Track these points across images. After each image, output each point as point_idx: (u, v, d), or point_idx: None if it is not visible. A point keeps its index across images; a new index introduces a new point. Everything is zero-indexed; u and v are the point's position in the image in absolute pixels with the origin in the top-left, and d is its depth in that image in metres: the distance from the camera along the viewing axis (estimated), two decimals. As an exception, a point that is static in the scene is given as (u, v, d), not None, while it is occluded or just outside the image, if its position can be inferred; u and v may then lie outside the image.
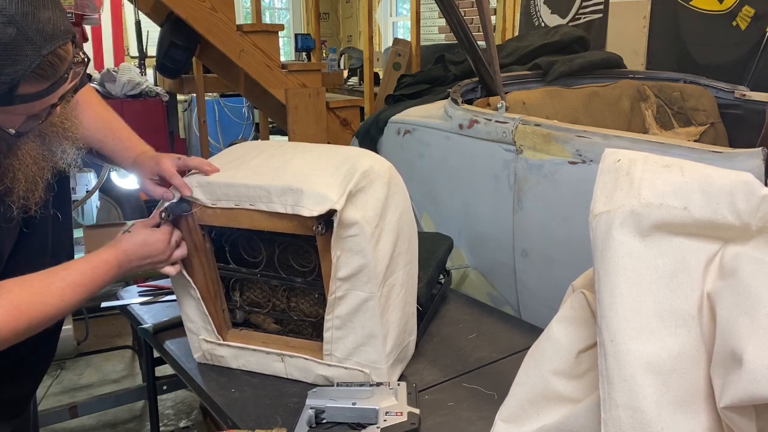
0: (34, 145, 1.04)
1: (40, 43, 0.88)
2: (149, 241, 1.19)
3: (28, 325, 1.03)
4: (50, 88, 0.92)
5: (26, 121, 0.96)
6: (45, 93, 0.92)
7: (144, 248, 1.19)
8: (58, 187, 1.15)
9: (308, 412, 1.12)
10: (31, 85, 0.90)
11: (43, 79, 0.91)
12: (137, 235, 1.19)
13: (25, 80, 0.88)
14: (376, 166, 1.22)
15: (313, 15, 5.39)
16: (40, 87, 0.91)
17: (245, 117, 7.27)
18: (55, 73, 0.92)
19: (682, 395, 0.79)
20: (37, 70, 0.89)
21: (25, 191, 1.03)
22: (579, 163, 1.76)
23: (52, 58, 0.90)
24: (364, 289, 1.16)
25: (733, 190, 0.82)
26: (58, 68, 0.92)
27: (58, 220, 1.20)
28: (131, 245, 1.18)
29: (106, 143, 1.33)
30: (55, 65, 0.91)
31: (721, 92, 2.60)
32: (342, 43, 9.44)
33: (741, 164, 1.43)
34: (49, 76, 0.91)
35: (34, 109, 0.95)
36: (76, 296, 1.10)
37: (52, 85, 0.92)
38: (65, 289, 1.09)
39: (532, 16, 4.49)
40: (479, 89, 2.48)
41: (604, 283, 0.84)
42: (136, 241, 1.18)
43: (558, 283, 1.28)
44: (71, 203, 1.30)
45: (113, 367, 3.06)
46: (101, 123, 1.34)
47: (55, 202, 1.14)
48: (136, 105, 4.50)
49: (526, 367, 0.99)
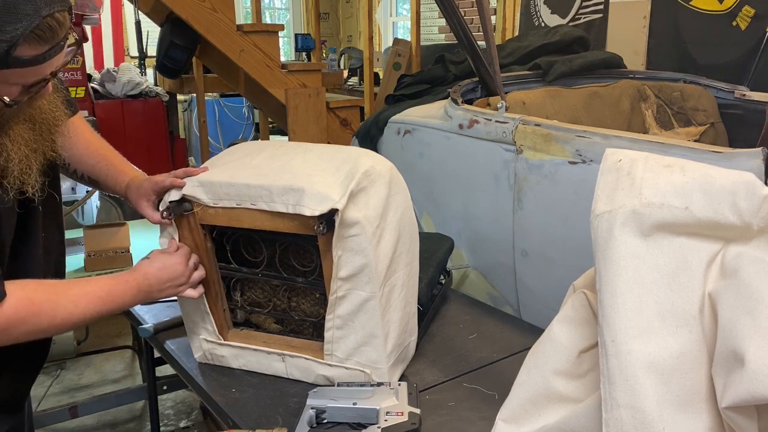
0: (25, 127, 1.05)
1: (40, 4, 0.89)
2: (167, 264, 1.21)
3: (37, 320, 1.04)
4: (48, 53, 0.93)
5: (21, 91, 0.97)
6: (42, 58, 0.93)
7: (163, 271, 1.21)
8: (51, 172, 1.17)
9: (309, 412, 1.12)
10: (30, 47, 0.90)
11: (42, 41, 0.91)
12: (155, 261, 1.22)
13: (24, 41, 0.89)
14: (378, 166, 1.22)
15: (313, 15, 5.39)
16: (39, 50, 0.92)
17: (245, 117, 7.27)
18: (53, 37, 0.93)
19: (684, 395, 0.79)
20: (36, 31, 0.89)
21: (20, 172, 1.03)
22: (579, 163, 1.76)
23: (51, 21, 0.91)
24: (365, 289, 1.16)
25: (735, 190, 0.82)
26: (56, 32, 0.93)
27: (55, 201, 1.22)
28: (150, 269, 1.20)
29: (98, 168, 1.35)
30: (54, 29, 0.92)
31: (721, 92, 2.60)
32: (342, 43, 9.44)
33: (741, 164, 1.43)
34: (47, 38, 0.92)
35: (29, 78, 0.95)
36: (91, 306, 1.11)
37: (50, 49, 0.93)
38: (81, 296, 1.10)
39: (532, 16, 4.49)
40: (479, 89, 2.48)
41: (605, 283, 0.84)
42: (154, 265, 1.21)
43: (558, 283, 1.28)
44: (61, 195, 1.31)
45: (113, 367, 3.06)
46: (93, 149, 1.36)
47: (51, 185, 1.16)
48: (136, 105, 4.49)
49: (527, 367, 0.99)
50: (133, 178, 1.33)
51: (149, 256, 1.24)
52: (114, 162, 1.37)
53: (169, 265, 1.21)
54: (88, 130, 1.40)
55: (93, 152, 1.36)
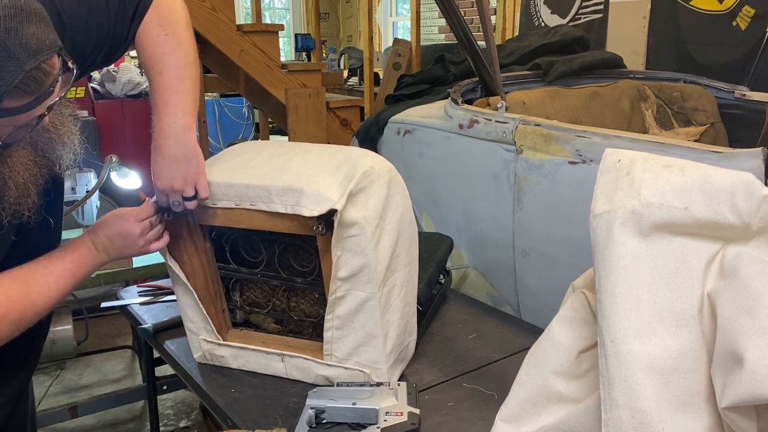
0: (25, 152, 1.03)
1: (23, 59, 0.87)
2: (122, 234, 1.19)
3: (19, 315, 1.04)
4: (34, 102, 0.92)
5: (14, 131, 0.96)
6: (29, 107, 0.91)
7: (117, 239, 1.19)
8: (53, 192, 1.15)
9: (308, 412, 1.12)
10: (14, 100, 0.89)
11: (27, 94, 0.90)
12: (111, 226, 1.20)
13: (8, 95, 0.87)
14: (377, 167, 1.21)
15: (313, 15, 5.39)
16: (24, 101, 0.90)
17: (245, 117, 7.27)
18: (39, 88, 0.91)
19: (683, 395, 0.79)
20: (20, 86, 0.88)
21: (16, 198, 1.02)
22: (579, 163, 1.76)
23: (36, 73, 0.89)
24: (365, 289, 1.16)
25: (734, 190, 0.82)
26: (42, 83, 0.91)
27: (49, 225, 1.19)
28: (106, 232, 1.19)
29: (151, 88, 1.22)
30: (39, 80, 0.90)
31: (721, 92, 2.60)
32: (342, 43, 9.44)
33: (741, 164, 1.43)
34: (32, 91, 0.90)
35: (20, 121, 0.94)
36: (62, 282, 1.11)
37: (36, 99, 0.92)
38: (50, 276, 1.10)
39: (532, 16, 4.49)
40: (479, 89, 2.48)
41: (604, 283, 0.84)
42: (109, 231, 1.19)
43: (558, 283, 1.28)
44: (63, 209, 1.29)
45: (113, 367, 3.06)
46: (153, 64, 1.19)
47: (48, 208, 1.14)
48: (136, 105, 4.50)
49: (527, 367, 0.99)
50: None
51: (107, 218, 1.21)
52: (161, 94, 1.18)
53: (124, 234, 1.19)
54: (168, 44, 1.19)
55: (150, 69, 1.20)
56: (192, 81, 1.20)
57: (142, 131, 4.47)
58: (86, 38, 1.14)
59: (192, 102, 1.19)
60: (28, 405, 1.40)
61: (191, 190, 1.18)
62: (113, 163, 2.40)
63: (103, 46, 1.17)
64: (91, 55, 1.17)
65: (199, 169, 1.19)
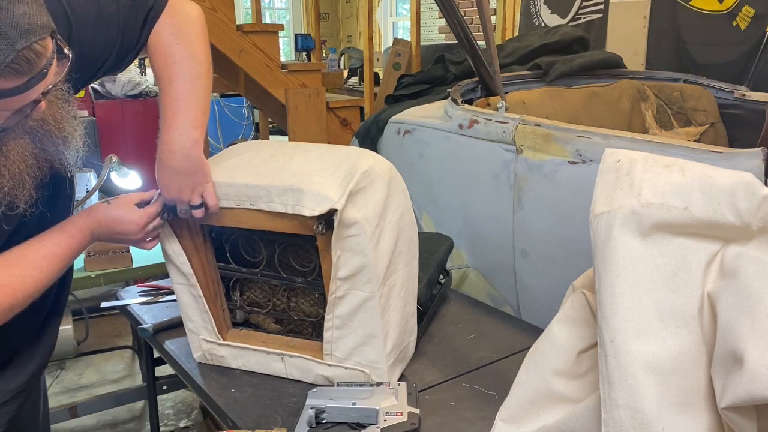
0: (22, 142, 1.02)
1: (15, 38, 0.86)
2: (124, 221, 1.18)
3: (12, 299, 1.04)
4: (27, 83, 0.90)
5: (10, 116, 0.95)
6: (23, 88, 0.90)
7: (117, 224, 1.18)
8: (53, 187, 1.14)
9: (308, 412, 1.12)
10: (6, 80, 0.88)
11: (19, 74, 0.88)
12: (115, 210, 1.18)
13: (1, 75, 0.86)
14: (377, 166, 1.21)
15: (313, 15, 5.39)
16: (17, 82, 0.89)
17: (245, 117, 7.27)
18: (32, 69, 0.90)
19: (683, 395, 0.79)
20: (11, 65, 0.86)
21: (11, 188, 1.01)
22: (579, 163, 1.76)
23: (28, 53, 0.88)
24: (365, 289, 1.16)
25: (734, 190, 0.82)
26: (34, 64, 0.90)
27: (46, 219, 1.17)
28: (106, 218, 1.17)
29: (160, 96, 1.21)
30: (32, 60, 0.89)
31: (721, 92, 2.60)
32: (342, 43, 9.44)
33: (741, 164, 1.43)
34: (24, 71, 0.89)
35: (14, 105, 0.93)
36: (54, 266, 1.10)
37: (29, 80, 0.90)
38: (41, 260, 1.09)
39: (532, 16, 4.49)
40: (479, 89, 2.48)
41: (604, 283, 0.84)
42: (111, 215, 1.18)
43: (558, 283, 1.28)
44: (71, 203, 1.28)
45: (113, 367, 3.06)
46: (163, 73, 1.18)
47: (48, 202, 1.13)
48: (136, 105, 4.50)
49: (527, 367, 0.99)
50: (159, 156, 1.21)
51: (110, 201, 1.19)
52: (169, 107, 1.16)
53: (126, 221, 1.18)
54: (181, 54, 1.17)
55: (160, 77, 1.17)
56: (203, 92, 1.19)
57: (142, 131, 4.47)
58: (94, 40, 1.13)
59: (201, 114, 1.18)
60: (41, 394, 1.39)
61: (198, 198, 1.19)
62: (113, 162, 2.40)
63: (112, 49, 1.16)
64: (100, 58, 1.17)
65: (207, 178, 1.19)
